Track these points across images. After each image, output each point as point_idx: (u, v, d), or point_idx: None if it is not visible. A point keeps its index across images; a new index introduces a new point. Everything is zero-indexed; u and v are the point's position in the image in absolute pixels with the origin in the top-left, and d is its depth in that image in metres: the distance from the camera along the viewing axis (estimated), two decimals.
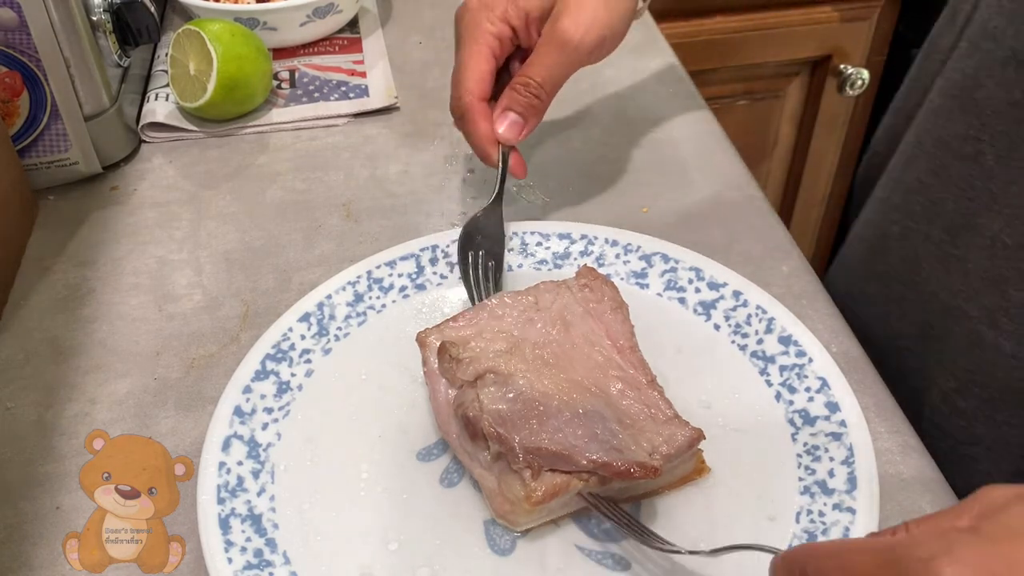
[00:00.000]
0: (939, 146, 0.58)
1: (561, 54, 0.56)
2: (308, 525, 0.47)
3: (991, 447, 0.57)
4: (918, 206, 0.60)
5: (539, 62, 0.57)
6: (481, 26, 0.57)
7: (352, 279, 0.58)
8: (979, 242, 0.55)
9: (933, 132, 0.58)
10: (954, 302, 0.57)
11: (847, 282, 0.68)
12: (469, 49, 0.57)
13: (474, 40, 0.57)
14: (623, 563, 0.45)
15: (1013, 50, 0.52)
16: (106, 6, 0.69)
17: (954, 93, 0.57)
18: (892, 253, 0.62)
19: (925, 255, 0.60)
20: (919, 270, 0.60)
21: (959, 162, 0.56)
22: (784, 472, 0.49)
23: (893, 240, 0.62)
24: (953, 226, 0.57)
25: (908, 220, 0.61)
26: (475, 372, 0.47)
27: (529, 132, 0.58)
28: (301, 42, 0.85)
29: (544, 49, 0.56)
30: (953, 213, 0.57)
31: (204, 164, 0.73)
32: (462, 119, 0.58)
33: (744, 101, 1.33)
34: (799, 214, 1.48)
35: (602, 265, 0.60)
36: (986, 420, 0.57)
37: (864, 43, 1.29)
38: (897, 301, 0.62)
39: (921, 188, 0.59)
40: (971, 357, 0.57)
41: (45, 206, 0.69)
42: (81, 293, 0.62)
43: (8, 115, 0.66)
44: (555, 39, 0.56)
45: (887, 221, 0.63)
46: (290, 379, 0.53)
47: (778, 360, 0.53)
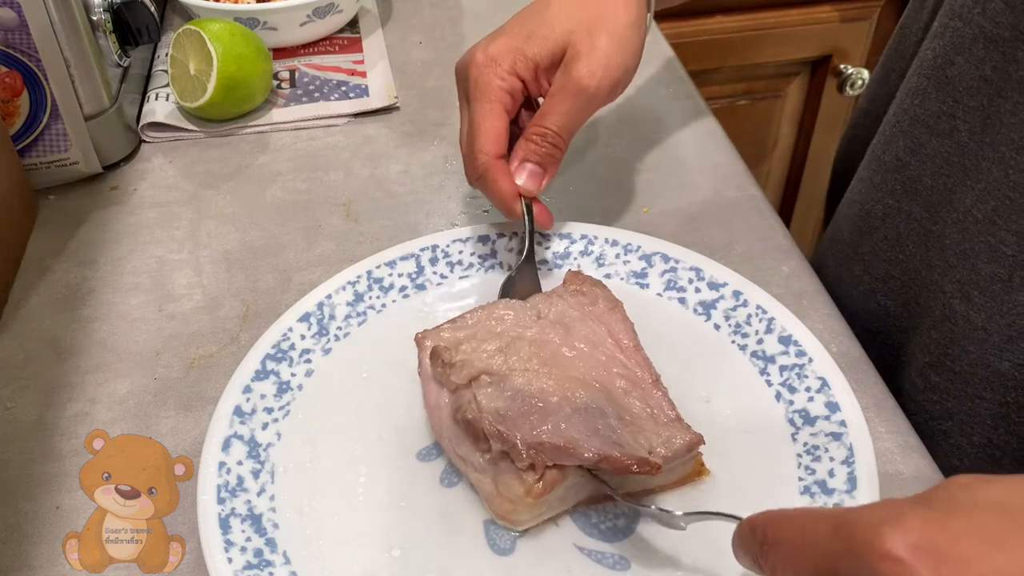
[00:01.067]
0: (915, 124, 0.58)
1: (577, 101, 0.55)
2: (308, 525, 0.47)
3: (964, 421, 0.58)
4: (898, 184, 0.60)
5: (554, 110, 0.55)
6: (491, 83, 0.55)
7: (352, 279, 0.58)
8: (954, 217, 0.56)
9: (910, 111, 0.59)
10: (932, 277, 0.58)
11: (835, 263, 0.68)
12: (481, 108, 0.55)
13: (486, 98, 0.55)
14: (623, 563, 0.45)
15: (981, 27, 0.53)
16: (106, 6, 0.69)
17: (927, 73, 0.57)
18: (876, 232, 0.63)
19: (907, 233, 0.60)
20: (903, 247, 0.61)
21: (935, 139, 0.57)
22: (784, 472, 0.48)
23: (877, 219, 0.63)
24: (931, 202, 0.58)
25: (889, 199, 0.61)
26: (468, 375, 0.47)
27: (549, 181, 0.57)
28: (301, 42, 0.85)
29: (559, 97, 0.55)
30: (931, 189, 0.58)
31: (204, 164, 0.73)
32: (481, 179, 0.55)
33: (744, 101, 1.33)
34: (799, 214, 1.48)
35: (602, 265, 0.60)
36: (958, 394, 0.57)
37: (864, 43, 1.29)
38: (883, 279, 0.63)
39: (900, 167, 0.60)
40: (943, 331, 0.57)
41: (45, 206, 0.69)
42: (81, 293, 0.62)
43: (8, 115, 0.66)
44: (570, 87, 0.54)
45: (870, 201, 0.63)
46: (290, 379, 0.53)
47: (778, 360, 0.53)
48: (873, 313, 0.64)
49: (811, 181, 1.43)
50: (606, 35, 0.55)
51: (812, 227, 1.51)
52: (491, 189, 0.55)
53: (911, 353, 0.61)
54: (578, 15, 0.55)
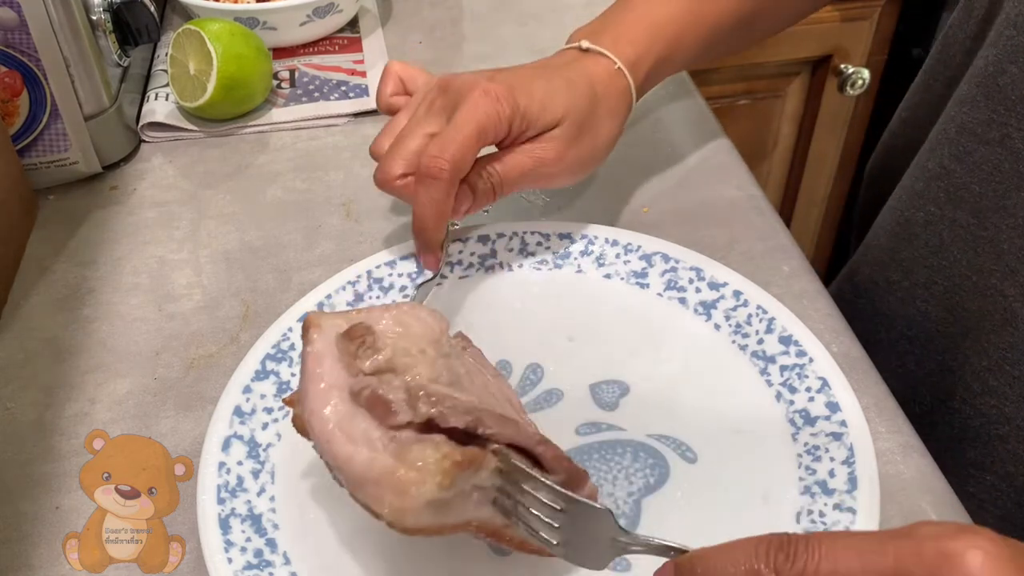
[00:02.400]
0: (962, 132, 0.58)
1: (534, 169, 0.54)
2: (308, 525, 0.47)
3: (1021, 426, 0.58)
4: (942, 192, 0.60)
5: (510, 164, 0.54)
6: (489, 113, 0.52)
7: (352, 279, 0.58)
8: (1010, 222, 0.56)
9: (956, 119, 0.59)
10: (988, 282, 0.58)
11: (871, 269, 0.68)
12: (469, 124, 0.51)
13: (475, 119, 0.52)
14: (623, 564, 0.45)
15: None
16: (106, 6, 0.69)
17: (978, 81, 0.58)
18: (917, 239, 0.63)
19: (952, 239, 0.60)
20: (946, 254, 0.61)
21: (984, 147, 0.57)
22: (784, 472, 0.48)
23: (918, 226, 0.63)
24: (980, 209, 0.58)
25: (932, 206, 0.61)
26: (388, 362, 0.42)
27: (468, 213, 0.55)
28: (301, 42, 0.85)
29: (521, 157, 0.54)
30: (979, 196, 0.58)
31: (204, 164, 0.73)
32: (433, 181, 0.51)
33: (744, 101, 1.33)
34: (799, 214, 1.48)
35: (602, 265, 0.60)
36: (1016, 399, 0.58)
37: (864, 43, 1.29)
38: (924, 285, 0.63)
39: (944, 174, 0.60)
40: (1004, 335, 0.57)
41: (45, 206, 0.69)
42: (81, 293, 0.62)
43: (8, 115, 0.66)
44: (536, 155, 0.54)
45: (910, 208, 0.64)
46: (290, 379, 0.53)
47: (778, 360, 0.53)
48: (911, 318, 0.64)
49: (811, 181, 1.43)
50: (590, 138, 0.56)
51: (812, 227, 1.51)
52: (431, 198, 0.52)
53: (963, 356, 0.61)
54: (579, 104, 0.55)
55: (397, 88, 0.61)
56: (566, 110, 0.55)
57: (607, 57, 0.58)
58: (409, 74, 0.61)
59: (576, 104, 0.55)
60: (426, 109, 0.55)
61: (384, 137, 0.57)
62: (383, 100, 0.61)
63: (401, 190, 0.54)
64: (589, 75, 0.57)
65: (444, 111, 0.54)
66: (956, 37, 0.65)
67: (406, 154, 0.53)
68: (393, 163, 0.53)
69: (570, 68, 0.57)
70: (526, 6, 0.92)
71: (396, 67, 0.61)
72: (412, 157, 0.53)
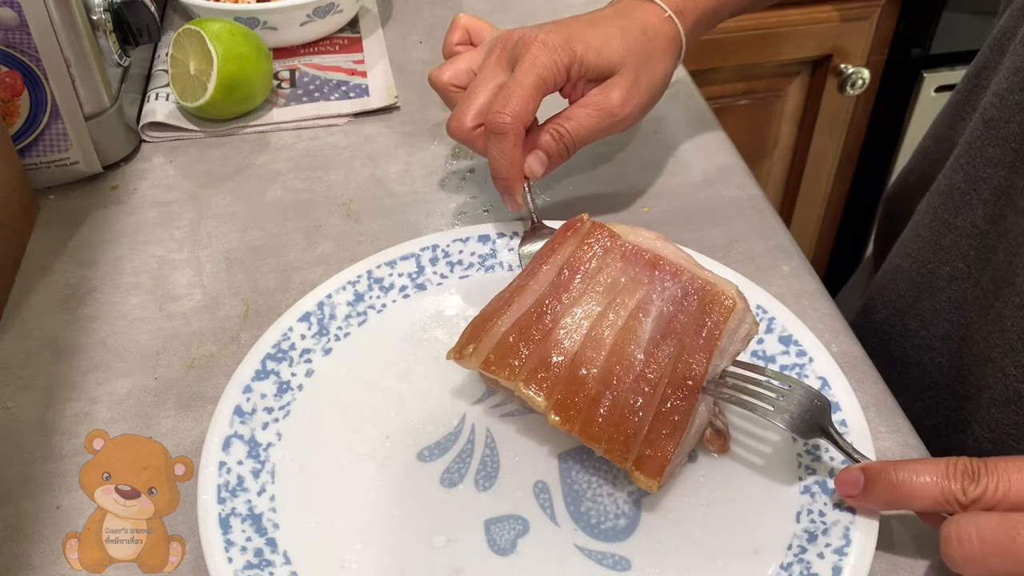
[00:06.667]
0: (1000, 195, 0.57)
1: (601, 120, 0.58)
2: (308, 525, 0.47)
3: None
4: (972, 251, 0.59)
5: (579, 120, 0.58)
6: (548, 63, 0.56)
7: (352, 279, 0.58)
8: (1015, 300, 0.54)
9: (991, 181, 0.57)
10: (991, 355, 0.56)
11: (889, 313, 0.67)
12: (528, 78, 0.56)
13: (535, 72, 0.56)
14: (623, 563, 0.45)
15: None
16: (106, 6, 0.69)
17: (1015, 147, 0.56)
18: (941, 293, 0.62)
19: (972, 300, 0.59)
20: (966, 312, 0.60)
21: (1015, 215, 0.55)
22: (784, 472, 0.49)
23: (943, 281, 0.61)
24: (997, 278, 0.56)
25: (960, 262, 0.60)
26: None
27: (546, 175, 0.60)
28: (301, 42, 0.85)
29: (588, 110, 0.58)
30: (1001, 264, 0.56)
31: (204, 164, 0.73)
32: (500, 136, 0.56)
33: (744, 101, 1.33)
34: (799, 214, 1.48)
35: None
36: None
37: (864, 43, 1.29)
38: (941, 338, 0.62)
39: (977, 234, 0.59)
40: (1008, 412, 0.56)
41: (45, 206, 0.69)
42: (81, 293, 0.62)
43: (8, 115, 0.66)
44: (603, 105, 0.58)
45: (935, 261, 0.62)
46: (290, 379, 0.53)
47: (779, 360, 0.53)
48: (925, 367, 0.63)
49: (811, 181, 1.43)
50: (647, 78, 0.60)
51: (812, 227, 1.51)
52: (500, 150, 0.56)
53: (965, 421, 0.60)
54: (634, 49, 0.59)
55: (463, 38, 0.65)
56: (622, 56, 0.58)
57: (657, 5, 0.61)
58: (476, 26, 0.65)
59: (632, 49, 0.59)
60: (494, 62, 0.59)
61: (446, 67, 0.62)
62: (448, 48, 0.65)
63: (474, 141, 0.58)
64: (641, 21, 0.60)
65: (509, 63, 0.58)
66: (986, 77, 0.61)
67: (476, 107, 0.58)
68: (465, 115, 0.58)
69: (623, 16, 0.60)
70: (526, 6, 0.92)
71: (464, 19, 0.65)
72: (482, 109, 0.57)
